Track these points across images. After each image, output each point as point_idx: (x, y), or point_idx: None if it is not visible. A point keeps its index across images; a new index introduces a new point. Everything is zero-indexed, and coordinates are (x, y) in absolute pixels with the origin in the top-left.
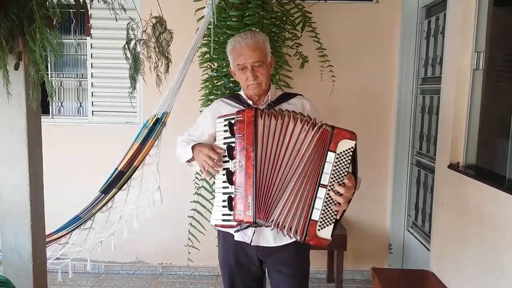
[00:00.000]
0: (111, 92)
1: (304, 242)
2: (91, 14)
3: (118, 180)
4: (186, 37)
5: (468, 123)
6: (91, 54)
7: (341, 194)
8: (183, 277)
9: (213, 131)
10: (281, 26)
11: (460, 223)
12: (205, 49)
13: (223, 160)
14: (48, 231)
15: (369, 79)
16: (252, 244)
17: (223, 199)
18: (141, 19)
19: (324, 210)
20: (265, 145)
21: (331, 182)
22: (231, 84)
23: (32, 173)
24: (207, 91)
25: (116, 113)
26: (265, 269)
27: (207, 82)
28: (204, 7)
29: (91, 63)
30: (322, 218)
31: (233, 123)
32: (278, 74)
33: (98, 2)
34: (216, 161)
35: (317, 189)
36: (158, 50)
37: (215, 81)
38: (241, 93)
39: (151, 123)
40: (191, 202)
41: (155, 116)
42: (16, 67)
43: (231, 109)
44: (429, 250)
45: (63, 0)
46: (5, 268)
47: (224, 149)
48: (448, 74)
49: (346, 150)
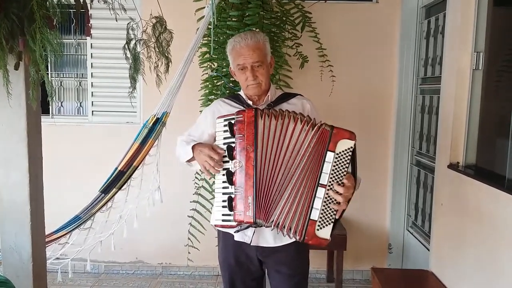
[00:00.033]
0: (111, 92)
1: (303, 242)
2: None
3: (118, 180)
4: (186, 37)
5: (467, 123)
6: (91, 54)
7: (341, 193)
8: (183, 277)
9: (213, 131)
10: (281, 26)
11: (460, 223)
12: (205, 49)
13: (223, 160)
14: (48, 231)
15: (369, 79)
16: (252, 244)
17: (223, 199)
18: (141, 19)
19: (323, 210)
20: (265, 145)
21: (330, 182)
22: (231, 84)
23: (32, 173)
24: (207, 91)
25: (116, 113)
26: (265, 269)
27: (207, 82)
28: (204, 7)
29: (91, 63)
30: (321, 217)
31: (233, 123)
32: (278, 74)
33: (98, 2)
34: (216, 161)
35: (316, 188)
36: (158, 50)
37: (215, 81)
38: (241, 93)
39: (151, 123)
40: (191, 202)
41: (155, 116)
42: (16, 67)
43: (231, 109)
44: (428, 250)
45: (63, 0)
46: (5, 268)
47: (224, 149)
48: (448, 74)
49: (345, 150)
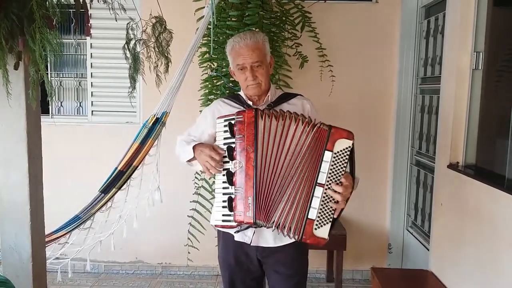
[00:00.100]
0: (110, 92)
1: (301, 241)
2: (91, 14)
3: (117, 180)
4: (185, 37)
5: (467, 122)
6: (91, 54)
7: (339, 193)
8: (182, 276)
9: (213, 131)
10: (280, 26)
11: (460, 223)
12: (204, 49)
13: (223, 160)
14: (47, 230)
15: (369, 79)
16: (252, 244)
17: (223, 199)
18: (141, 19)
19: (321, 209)
20: (265, 146)
21: (328, 181)
22: (230, 84)
23: (31, 172)
24: (207, 91)
25: (116, 113)
26: (265, 269)
27: (207, 82)
28: (204, 7)
29: (91, 63)
30: (319, 217)
31: (233, 124)
32: (278, 74)
33: (98, 2)
34: (217, 161)
35: (314, 188)
36: (157, 50)
37: (215, 81)
38: (241, 93)
39: (151, 123)
40: (190, 202)
41: (154, 116)
42: (16, 67)
43: (231, 109)
44: (428, 249)
45: (63, 0)
46: (4, 268)
47: (224, 150)
48: (448, 74)
49: (343, 150)
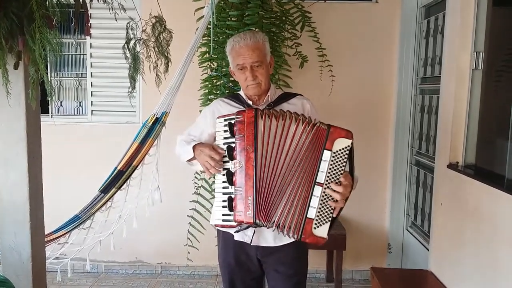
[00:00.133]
0: (110, 92)
1: (300, 240)
2: (90, 13)
3: (117, 180)
4: (185, 37)
5: (467, 122)
6: (91, 53)
7: (338, 192)
8: (182, 276)
9: (213, 130)
10: (280, 26)
11: (459, 222)
12: (204, 48)
13: (223, 160)
14: (47, 230)
15: (369, 79)
16: (252, 244)
17: (223, 199)
18: (140, 18)
19: (320, 208)
20: (265, 146)
21: (327, 180)
22: (230, 84)
23: (31, 172)
24: (207, 90)
25: (116, 112)
26: (265, 269)
27: (207, 82)
28: (204, 7)
29: (91, 63)
30: (318, 216)
31: (233, 124)
32: (278, 74)
33: (98, 1)
34: (217, 161)
35: (313, 187)
36: (157, 50)
37: (215, 81)
38: (241, 93)
39: (151, 123)
40: (190, 201)
41: (154, 115)
42: (16, 67)
43: (230, 109)
44: (428, 249)
45: (62, 0)
46: (4, 268)
47: (224, 150)
48: (447, 74)
49: (343, 149)
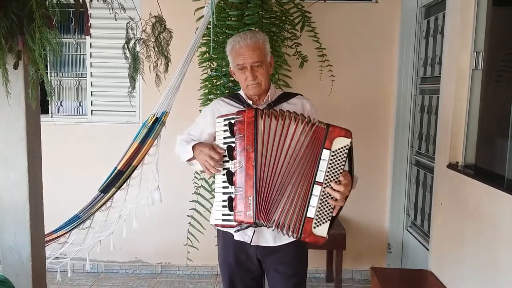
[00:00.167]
0: (110, 92)
1: (300, 240)
2: (90, 13)
3: (117, 180)
4: (185, 37)
5: (467, 122)
6: (91, 53)
7: (337, 191)
8: (182, 276)
9: (213, 130)
10: (280, 26)
11: (459, 222)
12: (204, 48)
13: (223, 160)
14: (47, 230)
15: (368, 79)
16: (252, 244)
17: (223, 199)
18: (140, 18)
19: (320, 207)
20: (265, 146)
21: (327, 179)
22: (230, 84)
23: (31, 172)
24: (207, 90)
25: (116, 112)
26: (264, 269)
27: (207, 82)
28: (204, 7)
29: (91, 63)
30: (318, 215)
31: (233, 123)
32: (278, 74)
33: (98, 1)
34: (217, 161)
35: (313, 186)
36: (157, 50)
37: (215, 81)
38: (241, 92)
39: (150, 123)
40: (190, 201)
41: (154, 115)
42: (16, 66)
43: (230, 109)
44: (428, 249)
45: (62, 0)
46: (4, 268)
47: (224, 149)
48: (447, 74)
49: (342, 148)
